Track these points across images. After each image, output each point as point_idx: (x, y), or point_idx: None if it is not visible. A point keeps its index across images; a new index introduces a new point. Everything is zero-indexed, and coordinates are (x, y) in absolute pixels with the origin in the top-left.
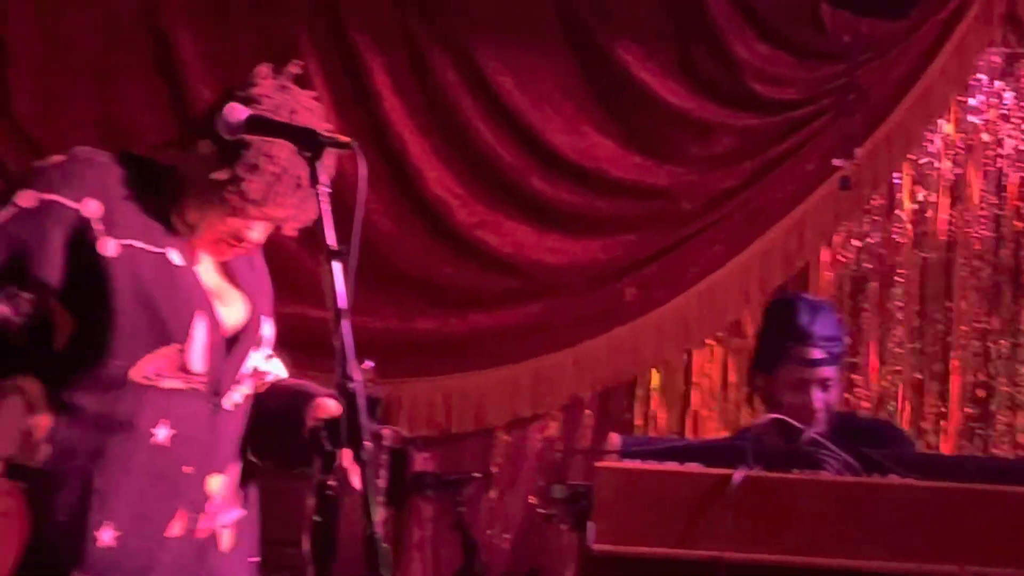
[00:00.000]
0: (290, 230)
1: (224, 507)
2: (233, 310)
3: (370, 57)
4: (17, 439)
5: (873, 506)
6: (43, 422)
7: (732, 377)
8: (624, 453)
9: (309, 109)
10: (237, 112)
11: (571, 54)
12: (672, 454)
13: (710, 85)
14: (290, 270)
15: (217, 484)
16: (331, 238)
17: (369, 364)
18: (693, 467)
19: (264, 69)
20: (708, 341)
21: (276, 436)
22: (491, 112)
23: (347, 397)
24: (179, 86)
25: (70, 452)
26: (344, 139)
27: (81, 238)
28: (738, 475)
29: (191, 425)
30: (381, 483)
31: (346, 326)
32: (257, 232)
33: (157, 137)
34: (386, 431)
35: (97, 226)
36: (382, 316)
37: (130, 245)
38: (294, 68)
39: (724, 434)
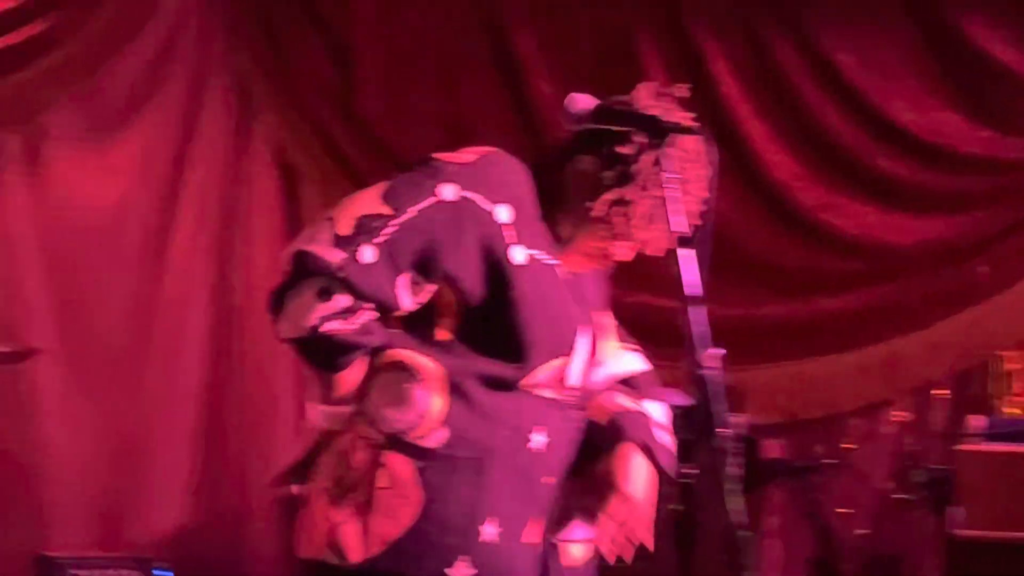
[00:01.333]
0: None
1: (564, 520)
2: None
3: (707, 43)
4: (401, 416)
5: None
6: (438, 404)
7: None
8: (987, 435)
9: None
10: (582, 102)
11: (914, 28)
12: None
13: None
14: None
15: (557, 496)
16: (679, 225)
17: (719, 351)
18: None
19: (645, 89)
20: None
21: None
22: (833, 92)
23: (700, 385)
24: (518, 82)
25: (466, 441)
26: (690, 124)
27: (492, 242)
28: None
29: (561, 436)
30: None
31: (700, 312)
32: (626, 252)
33: (498, 133)
34: (737, 419)
35: (508, 232)
36: (729, 303)
37: (533, 255)
38: (679, 91)
39: None
